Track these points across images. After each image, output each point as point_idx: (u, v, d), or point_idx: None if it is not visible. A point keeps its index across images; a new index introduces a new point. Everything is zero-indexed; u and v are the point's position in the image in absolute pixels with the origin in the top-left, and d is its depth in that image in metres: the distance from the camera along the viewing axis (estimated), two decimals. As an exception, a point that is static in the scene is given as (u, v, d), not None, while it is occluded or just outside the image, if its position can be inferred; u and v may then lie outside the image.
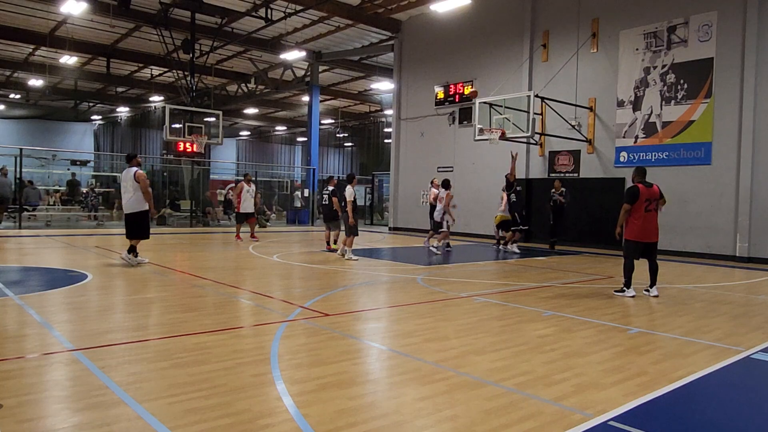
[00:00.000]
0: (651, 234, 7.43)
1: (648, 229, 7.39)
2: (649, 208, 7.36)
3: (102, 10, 17.74)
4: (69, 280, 7.72)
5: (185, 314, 5.76)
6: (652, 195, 7.41)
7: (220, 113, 20.01)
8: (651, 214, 7.39)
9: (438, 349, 4.64)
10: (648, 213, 7.36)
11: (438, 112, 19.43)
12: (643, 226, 7.36)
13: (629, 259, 7.52)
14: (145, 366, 4.01)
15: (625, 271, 7.55)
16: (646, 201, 7.34)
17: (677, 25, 13.46)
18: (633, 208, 7.38)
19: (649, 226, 7.38)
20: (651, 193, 7.40)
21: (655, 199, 7.44)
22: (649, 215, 7.37)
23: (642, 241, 7.42)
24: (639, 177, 7.55)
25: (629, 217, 7.44)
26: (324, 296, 6.93)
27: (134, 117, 38.66)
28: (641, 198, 7.32)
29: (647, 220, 7.36)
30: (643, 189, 7.38)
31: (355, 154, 45.17)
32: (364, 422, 3.11)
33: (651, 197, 7.38)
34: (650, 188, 7.44)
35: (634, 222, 7.41)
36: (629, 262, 7.51)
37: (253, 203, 14.99)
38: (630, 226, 7.45)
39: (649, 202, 7.36)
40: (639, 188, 7.37)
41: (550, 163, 16.13)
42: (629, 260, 7.52)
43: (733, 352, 4.79)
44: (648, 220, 7.37)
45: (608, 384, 3.86)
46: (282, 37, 21.95)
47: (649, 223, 7.38)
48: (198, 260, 10.68)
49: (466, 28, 18.36)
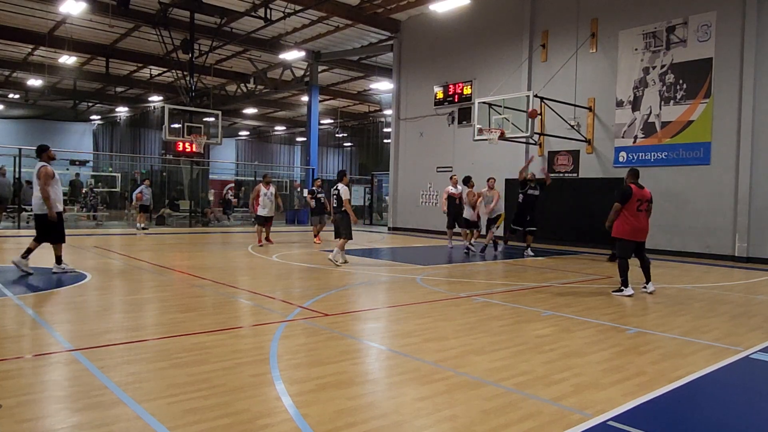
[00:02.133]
0: (643, 233, 7.72)
1: (641, 229, 7.66)
2: (641, 208, 7.61)
3: (101, 10, 17.72)
4: (68, 280, 7.72)
5: (184, 314, 5.75)
6: (644, 197, 7.68)
7: (219, 113, 20.01)
8: (643, 215, 7.65)
9: (437, 349, 4.64)
10: (640, 213, 7.63)
11: (437, 112, 19.43)
12: (636, 226, 7.61)
13: (624, 259, 7.70)
14: (144, 366, 4.00)
15: (621, 271, 7.68)
16: (638, 201, 7.59)
17: (676, 25, 13.47)
18: (625, 208, 7.61)
19: (641, 225, 7.65)
20: (643, 194, 7.67)
21: (647, 200, 7.70)
22: (641, 215, 7.64)
23: (635, 240, 7.67)
24: (632, 178, 7.81)
25: (622, 216, 7.64)
26: (323, 296, 6.93)
27: (133, 117, 38.65)
28: (633, 198, 7.57)
29: (639, 220, 7.62)
30: (636, 190, 7.64)
31: (355, 154, 45.17)
32: (363, 422, 3.11)
33: (643, 198, 7.64)
34: (642, 190, 7.71)
35: (627, 221, 7.61)
36: (624, 261, 7.69)
37: (275, 206, 13.83)
38: (623, 225, 7.64)
39: (641, 203, 7.61)
40: (632, 189, 7.63)
41: (549, 163, 16.13)
42: (624, 260, 7.70)
43: (732, 352, 4.80)
44: (641, 220, 7.63)
45: (607, 384, 3.86)
46: (281, 37, 21.95)
47: (642, 223, 7.64)
48: (197, 260, 10.67)
49: (465, 28, 18.36)
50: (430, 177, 19.67)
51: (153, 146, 38.85)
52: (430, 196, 19.73)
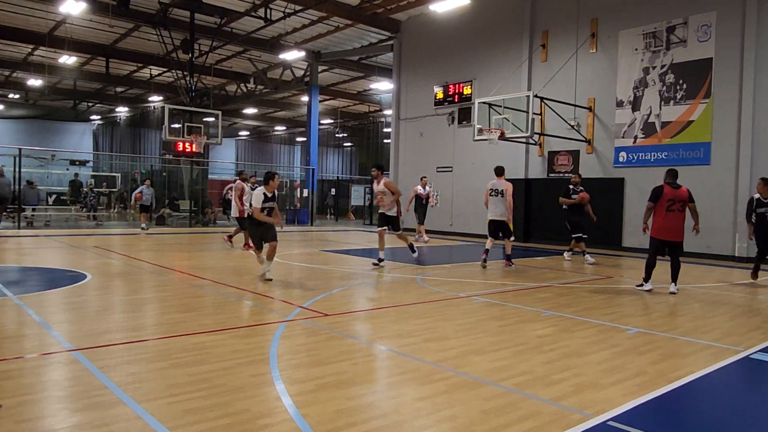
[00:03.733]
0: (671, 233, 7.66)
1: (668, 228, 7.63)
2: (672, 208, 7.58)
3: (101, 10, 17.73)
4: (68, 280, 7.71)
5: (184, 314, 5.75)
6: (677, 196, 7.61)
7: (219, 113, 20.01)
8: (673, 214, 7.60)
9: (437, 349, 4.64)
10: (670, 212, 7.59)
11: (437, 112, 19.43)
12: (665, 225, 7.63)
13: (651, 256, 7.82)
14: (144, 366, 4.00)
15: (645, 266, 7.88)
16: (669, 201, 7.58)
17: (676, 26, 13.47)
18: (656, 207, 7.66)
19: (669, 225, 7.62)
20: (676, 194, 7.62)
21: (681, 200, 7.63)
22: (671, 215, 7.60)
23: (662, 239, 7.70)
24: (668, 178, 7.81)
25: (653, 215, 7.71)
26: (323, 296, 6.93)
27: (133, 117, 38.65)
28: (664, 198, 7.59)
29: (668, 219, 7.60)
30: (668, 190, 7.65)
31: (355, 154, 45.20)
32: (363, 422, 3.11)
33: (675, 198, 7.59)
34: (677, 190, 7.65)
35: (656, 220, 7.70)
36: (650, 258, 7.82)
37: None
38: (653, 224, 7.74)
39: (673, 203, 7.58)
40: (663, 188, 7.66)
41: (549, 164, 16.14)
42: (651, 257, 7.82)
43: (732, 352, 4.80)
44: (669, 219, 7.61)
45: (607, 384, 3.86)
46: (281, 37, 21.95)
47: (670, 222, 7.61)
48: (197, 260, 10.67)
49: (465, 28, 18.36)
50: (430, 177, 19.65)
51: (153, 146, 38.84)
52: (430, 196, 19.69)
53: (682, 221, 7.65)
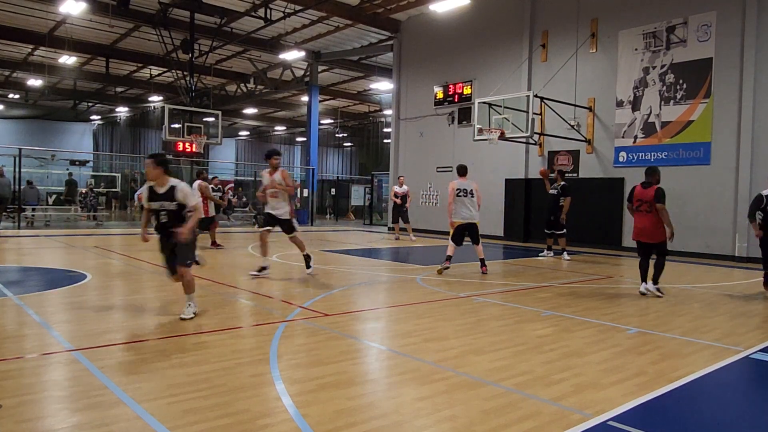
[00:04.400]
0: (642, 234, 7.58)
1: (638, 228, 7.62)
2: (640, 208, 7.55)
3: (101, 10, 17.72)
4: (68, 280, 7.72)
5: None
6: (645, 196, 7.50)
7: (219, 113, 20.00)
8: (642, 215, 7.55)
9: (437, 349, 4.64)
10: (639, 213, 7.59)
11: (437, 112, 19.43)
12: (636, 225, 7.68)
13: (639, 258, 7.80)
14: (144, 366, 4.01)
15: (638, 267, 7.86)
16: (637, 201, 7.56)
17: (676, 25, 13.47)
18: (632, 207, 7.69)
19: (639, 225, 7.62)
20: (644, 194, 7.53)
21: (647, 200, 7.45)
22: (639, 215, 7.60)
23: (637, 240, 7.72)
24: (645, 177, 7.71)
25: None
26: (323, 296, 6.93)
27: (133, 117, 38.67)
28: (634, 198, 7.63)
29: (639, 220, 7.62)
30: (638, 189, 7.63)
31: (355, 154, 45.22)
32: (363, 422, 3.11)
33: (643, 198, 7.51)
34: (646, 189, 7.55)
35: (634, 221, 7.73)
36: (639, 259, 7.79)
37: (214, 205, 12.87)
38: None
39: (641, 203, 7.53)
40: (635, 188, 7.69)
41: (549, 163, 16.13)
42: (639, 258, 7.79)
43: (732, 352, 4.80)
44: (639, 220, 7.61)
45: (607, 384, 3.86)
46: (281, 37, 21.94)
47: (640, 223, 7.60)
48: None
49: (465, 28, 18.36)
50: (430, 177, 19.68)
51: (153, 146, 38.86)
52: (430, 197, 19.74)
53: (652, 222, 7.41)
